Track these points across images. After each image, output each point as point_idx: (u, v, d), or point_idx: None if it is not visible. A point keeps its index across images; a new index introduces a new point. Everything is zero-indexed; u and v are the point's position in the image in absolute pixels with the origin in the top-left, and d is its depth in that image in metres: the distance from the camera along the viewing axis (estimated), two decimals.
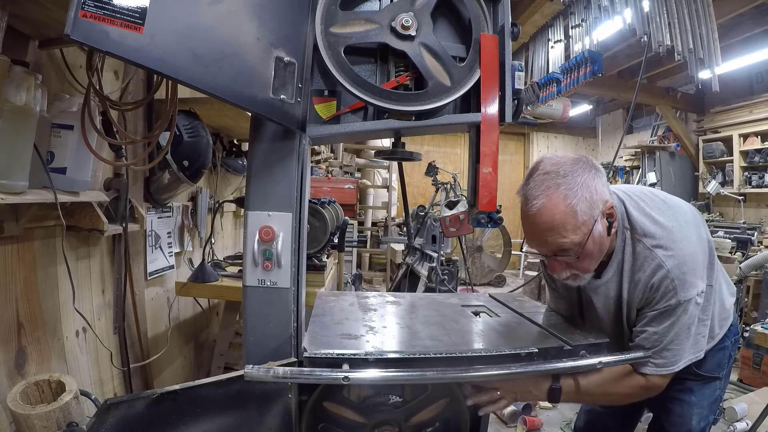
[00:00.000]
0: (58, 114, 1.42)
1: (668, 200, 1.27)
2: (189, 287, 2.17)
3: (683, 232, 1.17)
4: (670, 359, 1.16)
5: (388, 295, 1.56)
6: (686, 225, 1.19)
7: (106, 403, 0.88)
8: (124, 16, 0.69)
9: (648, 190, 1.31)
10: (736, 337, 1.43)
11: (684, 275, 1.12)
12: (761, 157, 5.90)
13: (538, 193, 1.10)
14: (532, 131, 9.39)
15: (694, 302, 1.13)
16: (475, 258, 7.08)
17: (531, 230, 1.15)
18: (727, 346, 1.38)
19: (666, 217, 1.19)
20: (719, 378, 1.37)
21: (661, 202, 1.24)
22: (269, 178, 1.08)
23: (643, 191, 1.28)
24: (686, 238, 1.16)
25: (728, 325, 1.37)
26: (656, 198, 1.26)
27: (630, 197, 1.24)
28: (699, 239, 1.20)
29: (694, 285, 1.13)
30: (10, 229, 1.35)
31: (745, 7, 4.41)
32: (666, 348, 1.15)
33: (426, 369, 0.97)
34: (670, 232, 1.16)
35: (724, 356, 1.38)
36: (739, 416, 2.77)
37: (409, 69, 1.10)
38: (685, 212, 1.24)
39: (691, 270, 1.13)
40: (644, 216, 1.19)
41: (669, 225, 1.17)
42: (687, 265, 1.13)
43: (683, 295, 1.12)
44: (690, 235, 1.18)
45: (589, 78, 4.45)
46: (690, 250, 1.15)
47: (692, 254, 1.15)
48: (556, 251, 1.14)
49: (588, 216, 1.09)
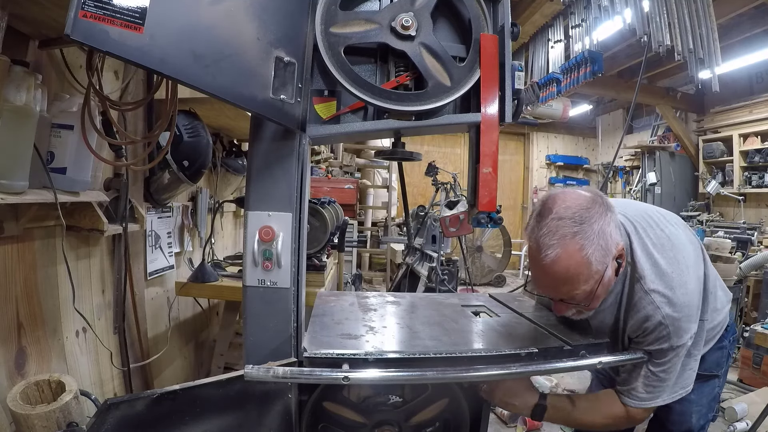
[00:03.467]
0: (58, 114, 1.42)
1: (672, 237, 1.24)
2: (189, 287, 2.17)
3: (683, 278, 1.17)
4: (654, 393, 1.19)
5: (388, 295, 1.56)
6: (686, 270, 1.19)
7: (106, 403, 0.88)
8: (124, 16, 0.69)
9: (653, 219, 1.28)
10: (734, 336, 1.45)
11: (679, 322, 1.13)
12: (761, 157, 5.90)
13: (552, 242, 1.04)
14: (532, 131, 9.38)
15: (685, 346, 1.16)
16: (475, 258, 7.08)
17: (543, 279, 1.12)
18: (725, 346, 1.41)
19: (667, 260, 1.18)
20: (718, 376, 1.40)
21: (666, 239, 1.22)
22: (269, 178, 1.08)
23: (649, 222, 1.26)
24: (684, 285, 1.16)
25: (725, 326, 1.39)
26: (662, 234, 1.24)
27: (636, 230, 1.23)
28: (697, 282, 1.21)
29: (687, 330, 1.14)
30: (10, 229, 1.35)
31: (745, 7, 4.41)
32: (652, 385, 1.18)
33: (426, 369, 0.97)
34: (669, 279, 1.16)
35: (722, 355, 1.41)
36: (739, 416, 2.77)
37: (409, 69, 1.10)
38: (687, 254, 1.23)
39: (686, 317, 1.14)
40: (647, 256, 1.19)
41: (669, 271, 1.17)
42: (683, 312, 1.14)
43: (676, 341, 1.14)
44: (689, 281, 1.18)
45: (589, 78, 4.45)
46: (687, 299, 1.15)
47: (689, 302, 1.15)
48: (565, 298, 1.12)
49: (602, 264, 1.07)
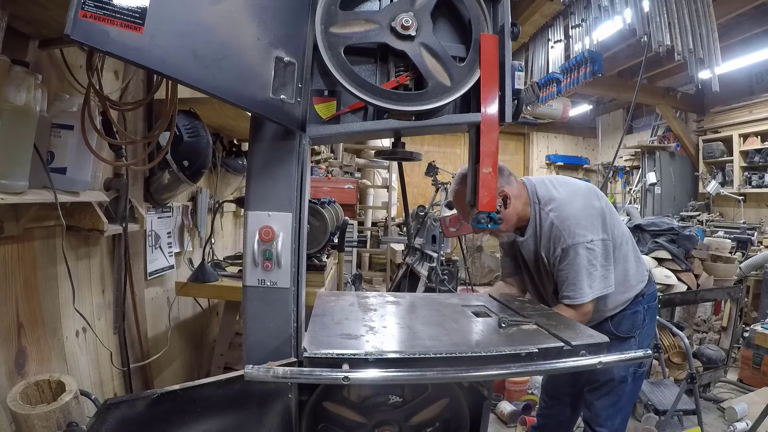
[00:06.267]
0: (58, 114, 1.42)
1: (569, 182, 1.71)
2: (189, 287, 2.17)
3: (567, 198, 1.60)
4: (577, 292, 1.52)
5: (388, 295, 1.56)
6: (574, 195, 1.62)
7: (106, 403, 0.88)
8: (124, 16, 0.69)
9: (562, 178, 1.75)
10: (651, 303, 1.78)
11: (566, 224, 1.54)
12: (761, 157, 5.91)
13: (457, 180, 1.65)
14: (532, 131, 9.38)
15: (584, 246, 1.51)
16: (475, 258, 7.08)
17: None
18: (639, 311, 1.73)
19: (559, 191, 1.63)
20: (634, 336, 1.73)
21: (563, 182, 1.69)
22: (269, 178, 1.08)
23: (557, 178, 1.72)
24: (568, 203, 1.58)
25: (632, 297, 1.72)
26: (563, 181, 1.70)
27: (543, 182, 1.68)
28: (582, 205, 1.59)
29: (579, 234, 1.52)
30: (10, 229, 1.35)
31: (745, 7, 4.41)
32: (571, 283, 1.53)
33: (426, 369, 0.97)
34: (558, 200, 1.60)
35: (637, 319, 1.74)
36: (739, 416, 2.77)
37: (409, 69, 1.10)
38: (578, 188, 1.67)
39: (572, 223, 1.53)
40: (546, 192, 1.63)
41: (559, 196, 1.61)
42: (568, 219, 1.54)
43: (570, 240, 1.52)
44: (573, 201, 1.59)
45: (589, 78, 4.45)
46: (570, 210, 1.56)
47: (573, 213, 1.56)
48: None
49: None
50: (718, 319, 4.16)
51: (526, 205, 1.64)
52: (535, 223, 1.63)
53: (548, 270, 1.64)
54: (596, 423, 1.76)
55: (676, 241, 3.57)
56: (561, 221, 1.54)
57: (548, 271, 1.64)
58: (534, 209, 1.63)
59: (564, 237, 1.53)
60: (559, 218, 1.55)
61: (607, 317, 1.72)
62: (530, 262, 1.71)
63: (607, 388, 1.73)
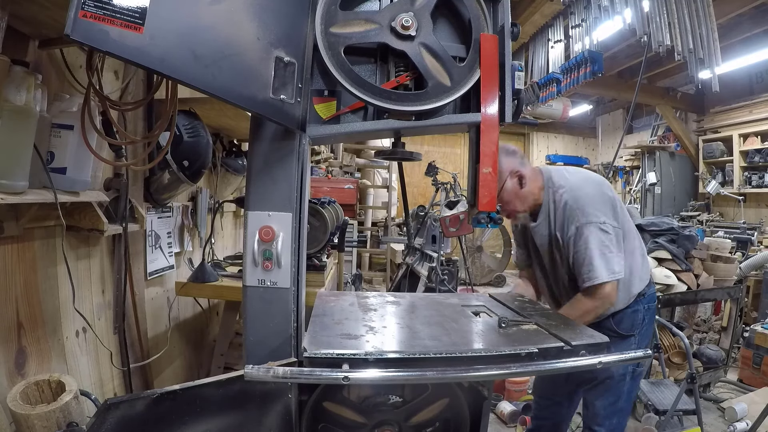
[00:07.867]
0: (58, 114, 1.42)
1: (581, 171, 1.79)
2: (189, 287, 2.17)
3: (581, 183, 1.67)
4: (594, 272, 1.54)
5: (388, 295, 1.56)
6: (585, 181, 1.69)
7: (106, 403, 0.88)
8: (124, 16, 0.69)
9: (575, 168, 1.81)
10: (650, 304, 1.80)
11: (580, 204, 1.60)
12: (761, 157, 5.91)
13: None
14: (532, 131, 9.38)
15: (597, 227, 1.56)
16: (475, 258, 7.08)
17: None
18: (639, 310, 1.75)
19: (573, 177, 1.70)
20: (633, 335, 1.75)
21: (576, 171, 1.76)
22: (269, 178, 1.08)
23: (571, 168, 1.79)
24: (582, 187, 1.65)
25: (636, 294, 1.73)
26: (575, 170, 1.77)
27: (557, 170, 1.76)
28: (595, 191, 1.64)
29: (592, 214, 1.57)
30: (10, 229, 1.35)
31: (745, 7, 4.41)
32: (588, 263, 1.55)
33: (426, 369, 0.97)
34: (572, 183, 1.67)
35: (637, 318, 1.75)
36: (739, 416, 2.77)
37: (409, 69, 1.10)
38: (589, 176, 1.74)
39: (587, 203, 1.59)
40: (560, 178, 1.70)
41: (572, 180, 1.68)
42: (582, 199, 1.61)
43: (584, 219, 1.57)
44: (586, 186, 1.66)
45: (589, 78, 4.45)
46: (584, 192, 1.63)
47: (586, 194, 1.62)
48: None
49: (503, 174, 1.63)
50: (718, 319, 4.17)
51: (541, 189, 1.70)
52: (548, 207, 1.68)
53: (563, 254, 1.66)
54: (595, 422, 1.77)
55: (676, 241, 3.57)
56: (575, 200, 1.60)
57: (563, 255, 1.66)
58: (548, 193, 1.69)
59: (578, 216, 1.58)
60: (573, 198, 1.61)
61: (609, 315, 1.73)
62: (543, 248, 1.74)
63: (606, 387, 1.74)
